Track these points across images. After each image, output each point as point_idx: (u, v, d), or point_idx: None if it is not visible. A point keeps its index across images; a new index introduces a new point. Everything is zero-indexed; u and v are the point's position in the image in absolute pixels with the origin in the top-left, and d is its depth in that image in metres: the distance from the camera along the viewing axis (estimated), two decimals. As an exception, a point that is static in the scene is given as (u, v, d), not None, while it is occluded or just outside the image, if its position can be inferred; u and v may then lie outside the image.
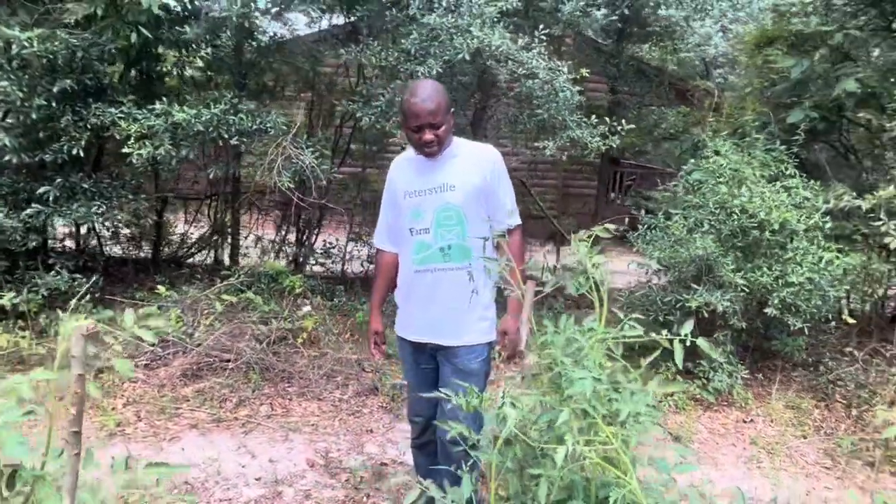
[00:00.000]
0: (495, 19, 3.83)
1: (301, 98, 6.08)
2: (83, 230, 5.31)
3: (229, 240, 5.79)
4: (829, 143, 5.75)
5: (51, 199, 4.07)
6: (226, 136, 4.02)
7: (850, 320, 4.05)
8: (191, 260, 6.14)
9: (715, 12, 6.07)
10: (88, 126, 4.05)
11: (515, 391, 1.58)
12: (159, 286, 4.06)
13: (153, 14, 3.81)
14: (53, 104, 3.93)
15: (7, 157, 3.91)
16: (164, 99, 4.00)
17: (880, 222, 3.87)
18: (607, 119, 4.52)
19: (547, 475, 1.38)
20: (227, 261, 5.75)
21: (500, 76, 4.01)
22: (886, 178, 4.47)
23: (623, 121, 4.37)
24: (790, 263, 3.82)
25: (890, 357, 4.10)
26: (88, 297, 4.15)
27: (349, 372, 3.99)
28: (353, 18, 5.08)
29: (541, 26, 4.09)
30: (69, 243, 5.32)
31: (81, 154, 4.08)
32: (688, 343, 1.44)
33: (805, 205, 4.08)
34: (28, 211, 3.99)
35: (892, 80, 4.57)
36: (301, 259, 5.59)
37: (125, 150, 3.91)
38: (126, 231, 5.71)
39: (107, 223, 4.86)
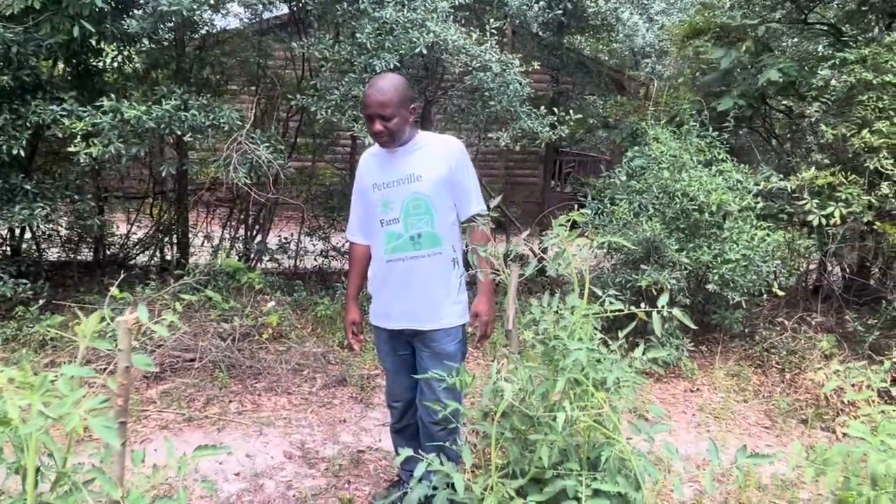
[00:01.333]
0: (448, 13, 3.93)
1: (245, 92, 5.99)
2: (17, 233, 5.07)
3: (175, 238, 5.66)
4: (754, 128, 6.18)
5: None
6: (178, 132, 3.95)
7: (780, 293, 4.41)
8: (133, 261, 5.95)
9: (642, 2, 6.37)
10: (28, 124, 3.88)
11: (509, 366, 1.70)
12: (112, 288, 3.95)
13: (96, 6, 3.68)
14: (-11, 102, 3.75)
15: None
16: (112, 95, 3.88)
17: (804, 201, 4.22)
18: (555, 109, 4.71)
19: (547, 440, 1.51)
20: (174, 260, 5.61)
21: (454, 69, 4.12)
22: (808, 160, 4.88)
23: (570, 111, 4.57)
24: (727, 242, 4.13)
25: (815, 325, 4.49)
26: (36, 303, 3.99)
27: (315, 365, 4.02)
28: (296, 10, 5.05)
29: (491, 20, 4.21)
30: (6, 248, 5.07)
31: (21, 154, 3.91)
32: (665, 314, 1.60)
33: (738, 187, 4.40)
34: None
35: (808, 69, 4.97)
36: (254, 255, 5.53)
37: (71, 149, 3.78)
38: (65, 233, 5.48)
39: (49, 225, 4.66)
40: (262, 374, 3.83)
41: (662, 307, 1.62)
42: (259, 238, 5.60)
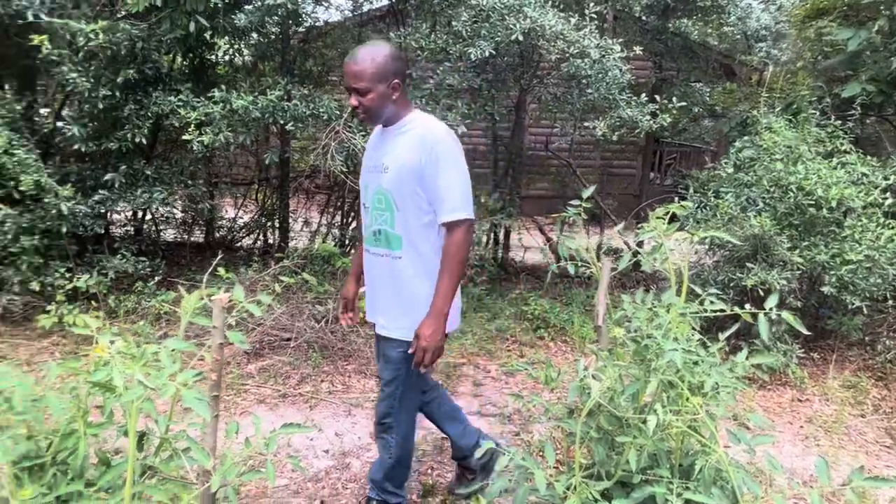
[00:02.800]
0: (545, -1, 3.84)
1: (344, 83, 6.16)
2: (139, 215, 5.51)
3: (277, 223, 5.94)
4: (884, 117, 5.60)
5: (116, 185, 4.24)
6: (281, 121, 4.12)
7: (909, 299, 3.98)
8: (239, 244, 6.32)
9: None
10: (149, 114, 4.19)
11: (598, 363, 1.63)
12: (220, 269, 4.21)
13: (210, 2, 3.90)
14: (117, 94, 4.07)
15: (76, 146, 4.08)
16: (223, 87, 4.11)
17: (943, 198, 3.77)
18: (657, 97, 4.49)
19: (636, 443, 1.44)
20: (275, 244, 5.90)
21: (550, 56, 4.01)
22: (949, 152, 4.35)
23: (674, 98, 4.33)
24: (848, 241, 3.77)
25: (950, 336, 4.02)
26: (153, 279, 4.33)
27: (403, 350, 4.09)
28: (394, 0, 5.12)
29: (590, 4, 4.06)
30: (129, 228, 5.53)
31: (143, 142, 4.23)
32: (773, 317, 1.47)
33: (863, 181, 4.00)
34: (95, 197, 4.16)
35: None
36: (349, 241, 5.70)
37: (186, 137, 4.04)
38: (179, 216, 5.90)
39: (165, 208, 5.03)
40: (353, 356, 3.94)
41: (771, 309, 1.49)
42: (354, 224, 5.76)
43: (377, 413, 2.29)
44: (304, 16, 4.82)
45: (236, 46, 4.97)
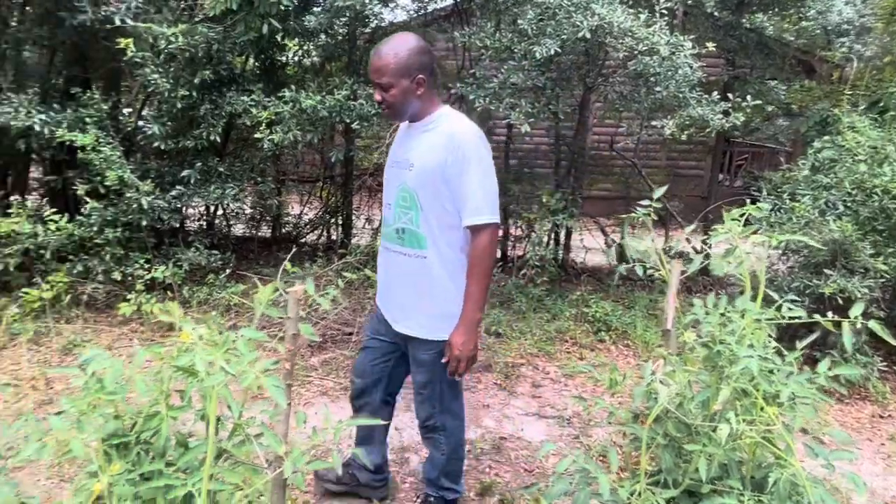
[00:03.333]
0: (614, -5, 3.75)
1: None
2: (211, 210, 5.75)
3: (340, 220, 6.07)
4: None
5: (191, 181, 4.44)
6: (347, 120, 4.21)
7: None
8: (304, 239, 6.49)
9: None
10: (223, 114, 4.37)
11: (666, 368, 1.59)
12: (287, 263, 4.34)
13: (282, 5, 4.03)
14: (194, 94, 4.26)
15: (156, 144, 4.29)
16: (293, 87, 4.24)
17: None
18: (729, 95, 4.32)
19: (705, 452, 1.39)
20: (338, 240, 6.03)
21: (618, 53, 3.93)
22: None
23: (748, 96, 4.16)
24: (939, 248, 3.53)
25: None
26: (224, 272, 4.51)
27: (462, 349, 4.10)
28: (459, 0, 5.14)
29: (661, 0, 3.95)
30: (201, 223, 5.78)
31: (217, 140, 4.41)
32: (859, 325, 1.39)
33: (958, 185, 3.73)
34: (172, 192, 4.37)
35: None
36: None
37: (257, 135, 4.19)
38: (248, 211, 6.13)
39: (236, 204, 5.23)
40: (412, 353, 3.98)
41: (856, 318, 1.41)
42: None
43: (419, 417, 2.28)
44: (370, 17, 4.90)
45: (305, 47, 5.11)
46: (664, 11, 3.97)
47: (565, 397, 3.65)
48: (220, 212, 5.86)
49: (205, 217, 5.75)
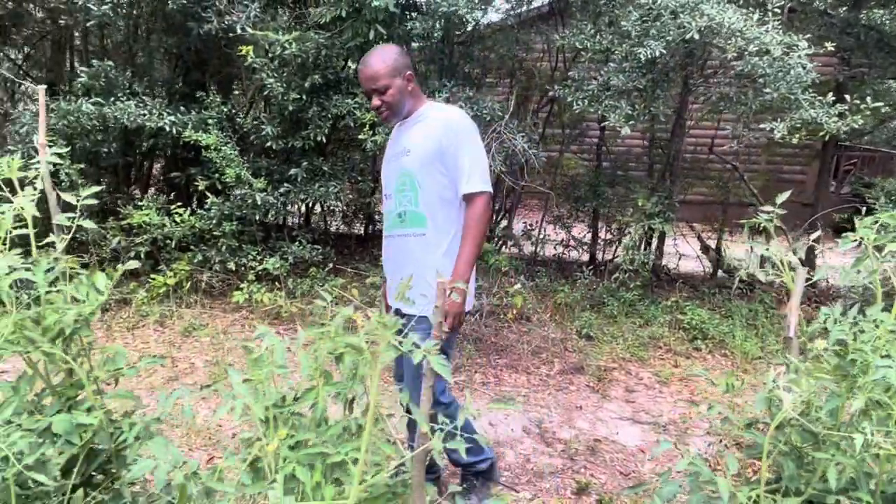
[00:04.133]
0: (724, -5, 3.65)
1: (500, 84, 6.30)
2: (311, 207, 6.06)
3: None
4: None
5: (298, 179, 4.70)
6: (446, 122, 4.32)
7: None
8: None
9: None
10: (329, 116, 4.60)
11: (789, 375, 1.57)
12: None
13: (389, 12, 4.20)
14: (304, 97, 4.52)
15: (268, 144, 4.58)
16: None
17: None
18: (846, 97, 4.10)
19: (834, 461, 1.37)
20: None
21: (726, 53, 3.82)
22: None
23: (868, 98, 3.93)
24: None
25: None
26: (325, 266, 4.74)
27: (554, 350, 4.13)
28: (557, 1, 5.14)
29: (774, -1, 3.81)
30: (301, 219, 6.10)
31: (323, 140, 4.65)
32: None
33: None
34: (281, 189, 4.65)
35: None
36: (500, 239, 5.83)
37: (360, 136, 4.39)
38: (345, 209, 6.40)
39: (336, 201, 5.49)
40: (505, 351, 4.05)
41: None
42: (505, 223, 5.88)
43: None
44: (468, 20, 4.99)
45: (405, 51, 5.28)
46: (776, 10, 3.82)
47: (660, 403, 3.60)
48: (317, 209, 6.15)
49: (310, 213, 6.06)
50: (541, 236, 5.94)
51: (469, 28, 5.31)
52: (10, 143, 4.22)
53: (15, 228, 1.58)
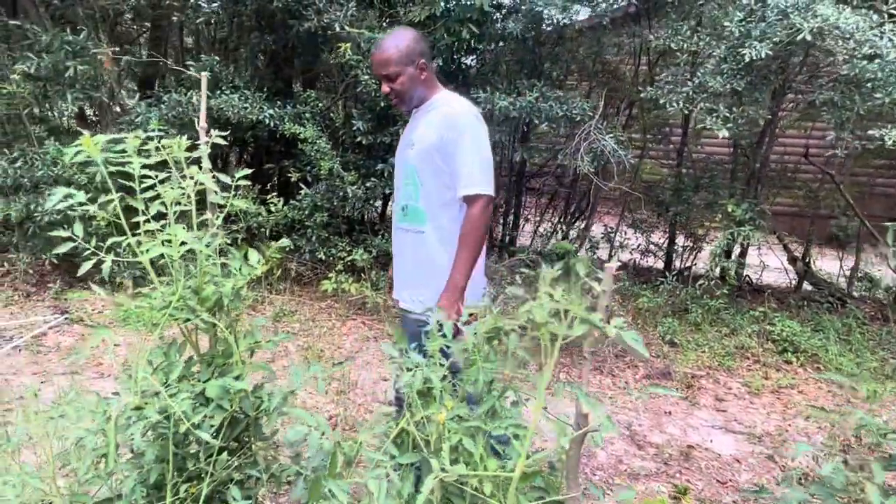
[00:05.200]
0: (837, -5, 3.52)
1: (582, 85, 6.25)
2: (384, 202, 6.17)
3: (510, 220, 6.23)
4: None
5: (384, 174, 4.81)
6: (536, 121, 4.34)
7: None
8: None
9: None
10: (418, 112, 4.68)
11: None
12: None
13: (483, 11, 4.24)
14: (393, 94, 4.61)
15: (358, 139, 4.71)
16: (487, 88, 4.45)
17: None
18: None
19: None
20: (506, 238, 6.19)
21: (837, 56, 3.68)
22: None
23: None
24: None
25: None
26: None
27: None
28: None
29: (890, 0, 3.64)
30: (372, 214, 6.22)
31: (410, 137, 4.74)
32: None
33: None
34: (368, 184, 4.77)
35: None
36: (577, 241, 5.80)
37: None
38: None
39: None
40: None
41: None
42: (584, 225, 5.84)
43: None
44: (558, 19, 4.99)
45: (493, 50, 5.32)
46: (893, 11, 3.66)
47: (752, 414, 3.50)
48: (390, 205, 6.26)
49: (378, 210, 6.18)
50: (620, 241, 5.87)
51: (560, 27, 5.29)
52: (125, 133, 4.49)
53: (177, 204, 1.69)
